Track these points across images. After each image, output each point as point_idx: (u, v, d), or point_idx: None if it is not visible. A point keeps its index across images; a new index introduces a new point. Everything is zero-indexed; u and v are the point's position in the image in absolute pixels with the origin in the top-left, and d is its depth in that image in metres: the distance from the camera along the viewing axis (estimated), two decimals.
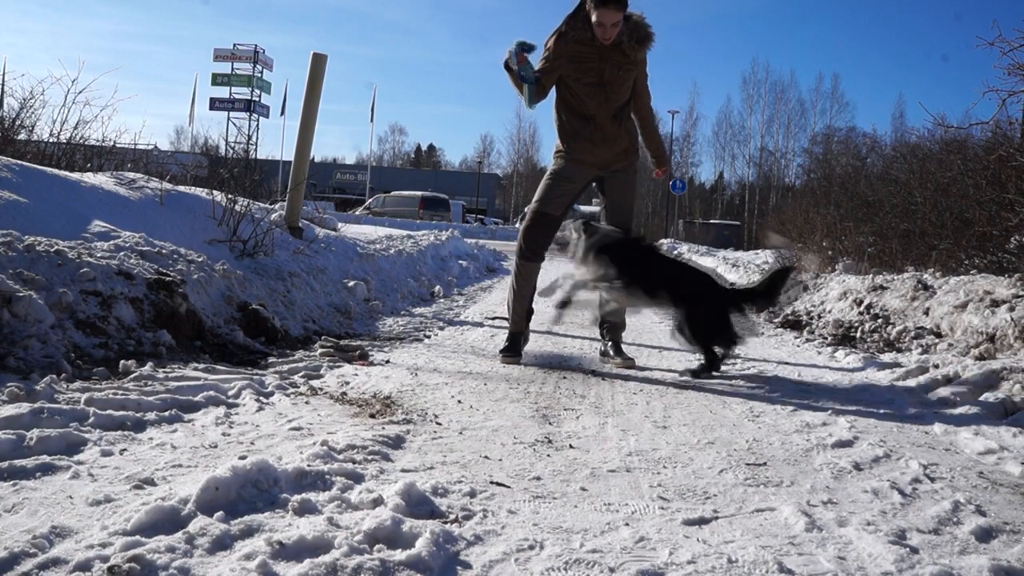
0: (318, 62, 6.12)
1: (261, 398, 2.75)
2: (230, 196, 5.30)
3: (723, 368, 3.77)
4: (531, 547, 1.59)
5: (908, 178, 9.35)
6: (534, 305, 4.12)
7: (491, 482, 2.00)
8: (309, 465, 1.95)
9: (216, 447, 2.16)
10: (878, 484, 2.12)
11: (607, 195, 4.04)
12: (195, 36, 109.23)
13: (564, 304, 3.96)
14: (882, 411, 3.10)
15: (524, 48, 3.77)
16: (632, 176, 4.06)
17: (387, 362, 3.68)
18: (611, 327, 4.04)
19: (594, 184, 4.11)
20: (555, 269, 4.36)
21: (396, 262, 7.52)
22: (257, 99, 42.42)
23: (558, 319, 4.21)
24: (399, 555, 1.49)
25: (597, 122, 3.89)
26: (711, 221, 41.72)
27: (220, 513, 1.62)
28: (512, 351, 3.91)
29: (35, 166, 4.62)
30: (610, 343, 4.04)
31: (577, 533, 1.68)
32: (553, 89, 3.97)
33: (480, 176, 58.50)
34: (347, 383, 3.13)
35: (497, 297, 7.25)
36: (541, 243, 3.99)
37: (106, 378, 2.79)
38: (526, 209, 4.13)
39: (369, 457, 2.12)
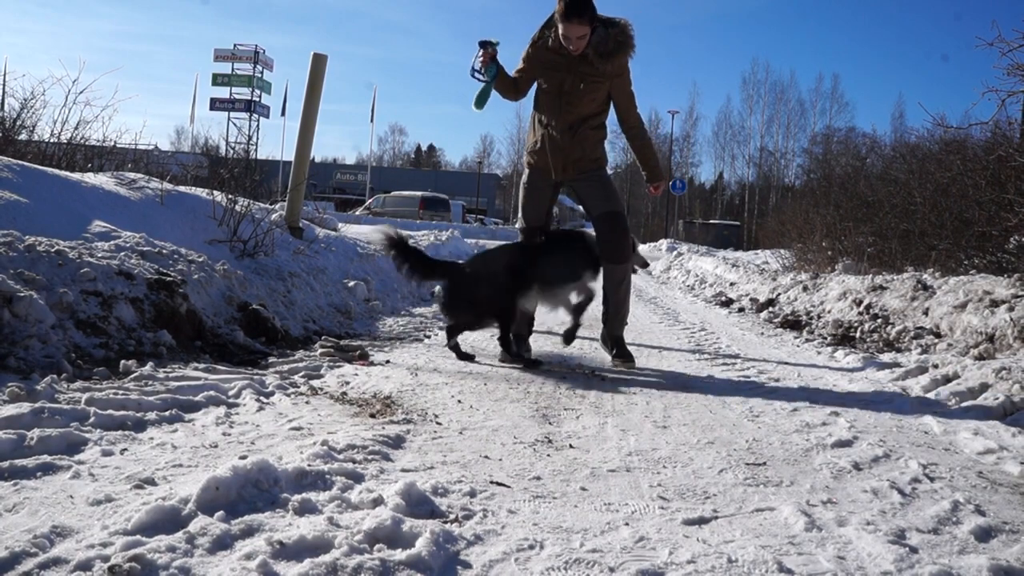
0: (318, 62, 6.12)
1: (261, 398, 2.75)
2: (230, 196, 5.31)
3: (723, 368, 3.77)
4: (531, 547, 1.60)
5: (908, 178, 9.36)
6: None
7: (491, 482, 2.00)
8: (309, 465, 1.95)
9: (216, 447, 2.16)
10: (878, 484, 2.12)
11: (581, 201, 4.10)
12: (195, 36, 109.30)
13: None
14: (882, 411, 3.10)
15: (485, 45, 3.82)
16: (595, 178, 4.00)
17: (387, 362, 3.68)
18: (610, 324, 4.03)
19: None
20: None
21: None
22: (257, 99, 42.37)
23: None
24: (399, 555, 1.50)
25: (550, 131, 3.90)
26: (711, 221, 41.71)
27: (220, 513, 1.62)
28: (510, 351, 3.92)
29: (36, 166, 4.62)
30: (610, 341, 4.03)
31: (577, 533, 1.69)
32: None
33: (480, 176, 58.52)
34: (347, 383, 3.14)
35: None
36: None
37: (107, 378, 2.79)
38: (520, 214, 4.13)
39: (369, 457, 2.12)
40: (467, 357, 3.87)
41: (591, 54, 3.73)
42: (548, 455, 2.28)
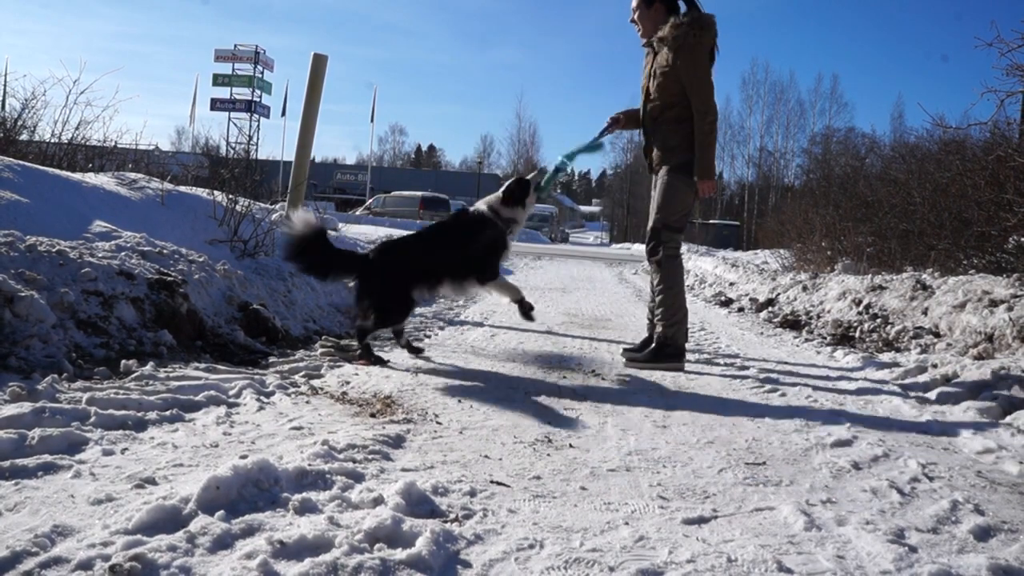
0: (318, 63, 6.12)
1: (262, 398, 2.75)
2: (231, 196, 5.31)
3: (723, 368, 3.78)
4: (531, 546, 1.60)
5: (907, 178, 9.38)
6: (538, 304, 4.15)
7: (491, 481, 2.00)
8: (310, 464, 1.96)
9: (217, 446, 2.17)
10: (877, 483, 2.13)
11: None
12: (195, 36, 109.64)
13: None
14: (881, 411, 3.11)
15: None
16: (664, 177, 4.00)
17: (387, 362, 3.68)
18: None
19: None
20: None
21: None
22: (258, 100, 42.35)
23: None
24: (399, 554, 1.50)
25: (644, 126, 4.14)
26: (710, 221, 41.67)
27: (221, 512, 1.62)
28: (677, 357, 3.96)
29: (37, 166, 4.62)
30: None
31: (577, 532, 1.69)
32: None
33: (480, 176, 58.51)
34: (347, 383, 3.14)
35: (497, 297, 7.25)
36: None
37: (107, 378, 2.80)
38: None
39: (369, 456, 2.12)
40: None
41: (655, 44, 3.97)
42: (548, 455, 2.29)
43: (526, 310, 3.93)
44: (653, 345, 3.98)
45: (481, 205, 3.85)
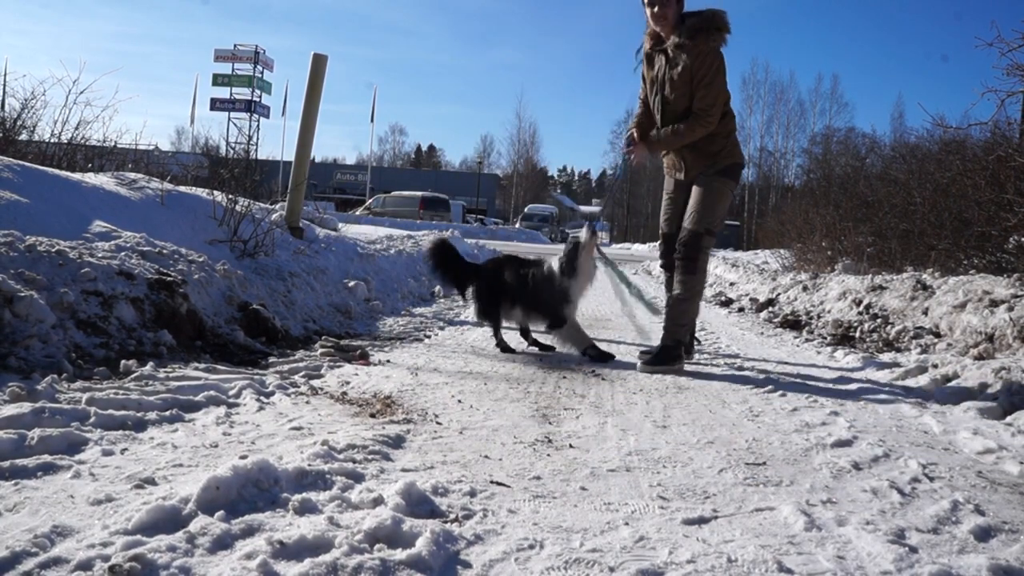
0: (318, 63, 6.13)
1: (262, 398, 2.75)
2: (231, 196, 5.31)
3: (723, 368, 3.77)
4: (531, 546, 1.60)
5: (907, 178, 9.37)
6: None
7: (491, 481, 2.00)
8: (310, 465, 1.96)
9: (217, 447, 2.17)
10: (877, 483, 2.12)
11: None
12: (195, 37, 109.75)
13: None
14: (881, 411, 3.10)
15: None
16: (701, 185, 3.92)
17: (387, 362, 3.68)
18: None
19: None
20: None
21: (396, 262, 7.53)
22: (258, 99, 42.38)
23: None
24: (399, 554, 1.50)
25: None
26: None
27: (221, 512, 1.62)
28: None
29: (36, 166, 4.62)
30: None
31: (577, 532, 1.69)
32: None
33: (480, 176, 58.51)
34: (347, 383, 3.14)
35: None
36: (667, 259, 4.18)
37: (107, 378, 2.80)
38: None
39: (369, 457, 2.12)
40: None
41: (675, 40, 3.79)
42: (548, 455, 2.29)
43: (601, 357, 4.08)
44: (660, 347, 3.94)
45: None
